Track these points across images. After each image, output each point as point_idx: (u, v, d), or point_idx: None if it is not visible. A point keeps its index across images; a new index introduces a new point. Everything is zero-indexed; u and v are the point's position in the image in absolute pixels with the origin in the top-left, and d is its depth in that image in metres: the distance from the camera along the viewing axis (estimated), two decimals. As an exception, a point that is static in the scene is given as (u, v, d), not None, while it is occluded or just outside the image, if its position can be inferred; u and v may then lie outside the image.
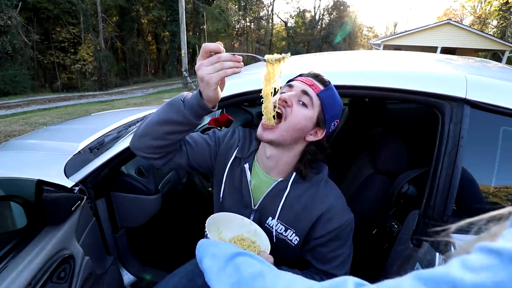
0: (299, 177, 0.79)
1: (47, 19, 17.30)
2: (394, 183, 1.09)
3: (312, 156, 0.79)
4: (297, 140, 0.76)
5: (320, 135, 0.76)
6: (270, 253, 0.71)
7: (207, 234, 0.68)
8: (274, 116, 0.72)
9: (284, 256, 0.82)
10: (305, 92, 0.73)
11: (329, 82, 0.76)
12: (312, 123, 0.74)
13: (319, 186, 0.79)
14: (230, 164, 0.85)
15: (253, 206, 0.82)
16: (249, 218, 0.81)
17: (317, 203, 0.77)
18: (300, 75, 0.79)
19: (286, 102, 0.72)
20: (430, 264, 0.74)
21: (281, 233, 0.80)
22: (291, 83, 0.78)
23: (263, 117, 0.74)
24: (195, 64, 0.66)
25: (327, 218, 0.77)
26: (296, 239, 0.79)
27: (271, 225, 0.81)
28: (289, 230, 0.79)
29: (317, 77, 0.76)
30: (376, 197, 1.13)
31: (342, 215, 0.77)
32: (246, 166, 0.83)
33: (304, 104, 0.73)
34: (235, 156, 0.85)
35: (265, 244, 0.73)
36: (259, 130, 0.74)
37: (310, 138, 0.76)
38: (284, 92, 0.76)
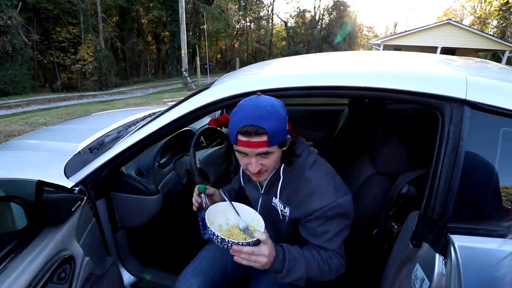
0: (288, 166, 0.92)
1: (47, 19, 17.29)
2: (394, 184, 1.09)
3: (290, 151, 0.90)
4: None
5: (288, 140, 0.87)
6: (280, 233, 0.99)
7: (205, 220, 0.80)
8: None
9: (284, 229, 1.00)
10: (260, 154, 0.81)
11: (265, 129, 0.76)
12: (280, 151, 0.86)
13: (303, 171, 0.91)
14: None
15: (261, 191, 1.01)
16: (259, 199, 1.02)
17: (301, 186, 0.90)
18: (239, 134, 0.79)
19: (259, 172, 0.84)
20: (430, 264, 0.74)
21: (282, 210, 0.96)
22: (244, 151, 0.82)
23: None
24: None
25: (311, 199, 0.88)
26: (287, 212, 0.95)
27: (275, 204, 0.97)
28: (286, 208, 0.95)
29: (254, 133, 0.77)
30: (376, 198, 1.13)
31: (324, 198, 0.87)
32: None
33: (266, 155, 0.82)
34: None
35: (260, 229, 0.84)
36: (254, 178, 0.91)
37: (285, 147, 0.87)
38: (243, 154, 0.83)
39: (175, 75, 21.84)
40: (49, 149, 1.49)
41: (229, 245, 0.74)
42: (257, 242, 0.76)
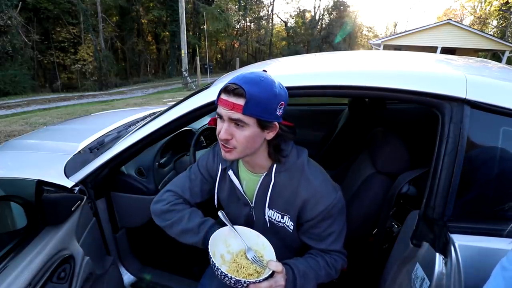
0: (281, 166, 0.83)
1: (47, 19, 17.29)
2: (394, 183, 1.09)
3: (277, 147, 0.81)
4: (258, 147, 0.79)
5: (275, 129, 0.76)
6: (279, 248, 0.80)
7: (211, 258, 0.71)
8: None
9: (288, 245, 0.92)
10: (233, 120, 0.72)
11: (244, 90, 0.68)
12: (259, 132, 0.74)
13: (302, 171, 0.83)
14: (219, 176, 0.93)
15: (251, 204, 0.90)
16: (250, 214, 0.91)
17: (302, 188, 0.82)
18: (222, 91, 0.73)
19: (226, 139, 0.74)
20: (430, 264, 0.74)
21: (280, 221, 0.87)
22: (220, 111, 0.74)
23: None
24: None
25: (314, 202, 0.81)
26: (291, 224, 0.86)
27: (270, 215, 0.88)
28: (285, 217, 0.86)
29: (233, 92, 0.69)
30: (377, 197, 1.13)
31: (328, 196, 0.81)
32: (231, 172, 0.90)
33: (240, 125, 0.72)
34: (221, 168, 0.92)
35: (271, 256, 0.77)
36: (222, 152, 0.78)
37: (269, 136, 0.77)
38: (220, 118, 0.75)
39: (175, 75, 21.84)
40: (49, 149, 1.49)
41: (245, 285, 0.67)
42: (272, 273, 0.71)
